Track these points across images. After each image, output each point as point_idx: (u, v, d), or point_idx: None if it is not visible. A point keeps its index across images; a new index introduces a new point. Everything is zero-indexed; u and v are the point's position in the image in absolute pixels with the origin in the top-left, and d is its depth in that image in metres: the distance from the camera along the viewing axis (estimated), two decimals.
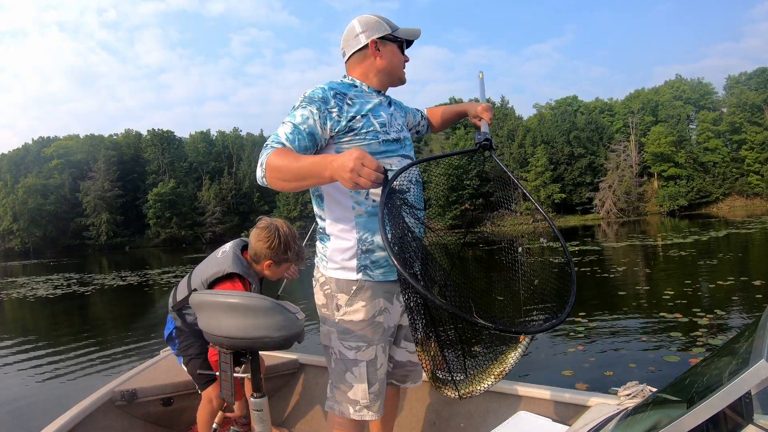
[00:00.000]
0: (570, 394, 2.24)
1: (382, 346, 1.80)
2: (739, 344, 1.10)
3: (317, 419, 2.96)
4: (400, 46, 1.84)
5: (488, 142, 1.78)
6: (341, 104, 1.67)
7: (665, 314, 6.68)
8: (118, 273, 21.86)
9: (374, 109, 1.75)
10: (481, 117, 2.00)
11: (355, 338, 1.76)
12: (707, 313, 6.53)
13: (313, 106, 1.63)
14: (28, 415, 4.65)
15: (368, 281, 1.74)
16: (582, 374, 4.62)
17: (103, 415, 2.64)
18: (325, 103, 1.64)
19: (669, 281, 9.60)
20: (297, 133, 1.58)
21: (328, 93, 1.66)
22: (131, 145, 77.53)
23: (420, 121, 2.16)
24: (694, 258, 13.18)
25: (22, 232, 69.63)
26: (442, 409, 2.61)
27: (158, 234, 69.95)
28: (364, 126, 1.69)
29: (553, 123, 62.78)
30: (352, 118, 1.68)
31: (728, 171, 58.44)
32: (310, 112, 1.62)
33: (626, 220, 50.00)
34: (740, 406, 0.94)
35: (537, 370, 4.91)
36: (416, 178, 1.77)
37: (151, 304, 12.40)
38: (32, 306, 12.83)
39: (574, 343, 5.71)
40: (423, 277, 1.55)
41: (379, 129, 1.73)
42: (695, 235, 20.51)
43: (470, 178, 37.17)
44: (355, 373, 1.77)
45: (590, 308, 7.47)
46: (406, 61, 1.88)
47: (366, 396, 1.77)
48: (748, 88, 60.82)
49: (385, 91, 1.87)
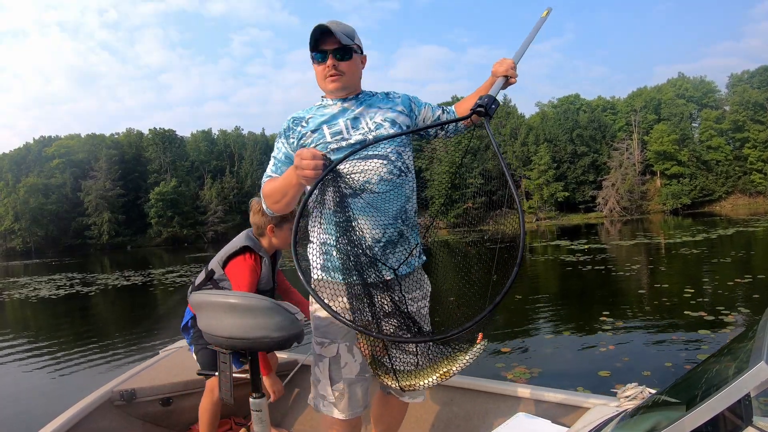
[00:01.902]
0: (569, 396, 2.23)
1: (347, 345, 1.83)
2: (738, 346, 1.09)
3: (316, 419, 2.95)
4: (315, 57, 1.81)
5: (482, 108, 1.57)
6: (296, 128, 1.84)
7: (689, 312, 6.67)
8: (122, 273, 21.83)
9: (329, 120, 1.82)
10: (497, 76, 1.79)
11: (320, 334, 1.87)
12: (731, 310, 6.53)
13: (281, 138, 1.87)
14: (28, 415, 4.66)
15: (327, 279, 1.80)
16: (618, 375, 4.50)
17: (102, 415, 2.64)
18: (287, 131, 1.85)
19: (686, 279, 9.60)
20: (277, 163, 1.86)
21: (289, 122, 1.86)
22: (133, 144, 77.55)
23: (440, 115, 2.00)
24: (707, 256, 13.18)
25: (23, 231, 69.68)
26: (441, 411, 2.60)
27: (160, 233, 69.99)
28: (314, 141, 1.80)
29: (555, 121, 62.79)
30: (302, 136, 1.82)
31: (731, 169, 58.34)
32: (282, 143, 1.86)
33: (629, 218, 49.96)
34: (739, 408, 0.93)
35: (569, 372, 4.86)
36: (381, 177, 1.75)
37: (155, 305, 12.40)
38: (34, 307, 12.78)
39: (605, 343, 5.65)
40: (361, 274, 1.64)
41: (330, 139, 1.79)
42: (703, 234, 20.46)
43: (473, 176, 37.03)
44: (320, 367, 1.87)
45: (614, 307, 7.46)
46: (329, 67, 1.79)
47: (330, 392, 1.84)
48: (751, 86, 60.66)
49: (348, 96, 1.86)
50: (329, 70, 1.79)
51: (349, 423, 1.87)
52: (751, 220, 29.11)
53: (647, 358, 5.05)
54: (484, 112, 1.57)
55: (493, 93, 1.65)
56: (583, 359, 5.25)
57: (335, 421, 1.86)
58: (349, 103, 1.85)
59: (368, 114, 1.83)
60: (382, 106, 1.87)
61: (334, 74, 1.80)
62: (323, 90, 1.87)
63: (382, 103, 1.88)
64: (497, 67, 1.80)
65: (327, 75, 1.80)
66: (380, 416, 2.13)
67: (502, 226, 1.59)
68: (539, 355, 5.47)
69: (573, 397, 2.22)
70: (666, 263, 12.96)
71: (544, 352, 5.54)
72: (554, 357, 5.38)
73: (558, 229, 37.34)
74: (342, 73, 1.80)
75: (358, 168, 1.73)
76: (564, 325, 6.78)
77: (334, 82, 1.81)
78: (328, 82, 1.81)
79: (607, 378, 4.47)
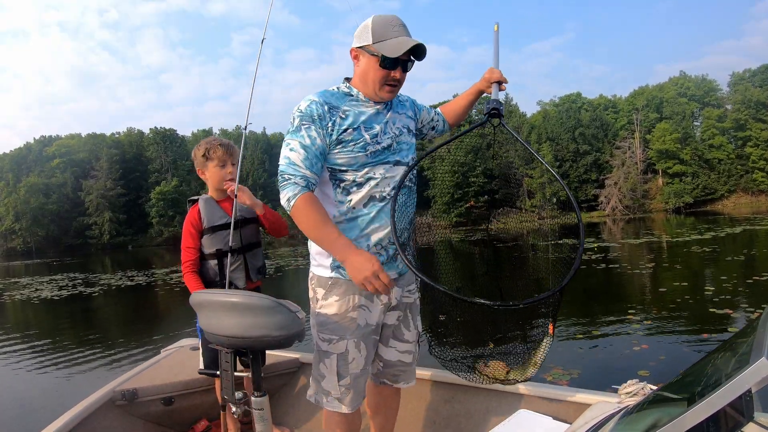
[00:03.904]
0: (570, 393, 2.23)
1: (355, 342, 1.84)
2: (739, 342, 1.09)
3: (318, 418, 2.96)
4: (382, 61, 1.71)
5: (496, 110, 1.71)
6: (334, 118, 1.74)
7: (714, 310, 6.68)
8: (124, 273, 21.81)
9: (367, 121, 1.79)
10: (491, 82, 1.93)
11: (328, 331, 1.85)
12: (755, 308, 6.55)
13: (316, 125, 1.71)
14: (30, 415, 4.66)
15: (341, 278, 1.82)
16: (657, 375, 4.40)
17: (104, 414, 2.64)
18: (322, 120, 1.72)
19: (704, 277, 9.63)
20: (311, 158, 1.70)
21: (323, 109, 1.73)
22: (133, 143, 77.53)
23: (434, 116, 2.12)
24: (720, 254, 13.19)
25: (24, 231, 69.70)
26: (442, 408, 2.60)
27: (161, 233, 69.96)
28: (353, 139, 1.75)
29: (557, 120, 62.71)
30: (343, 131, 1.74)
31: (733, 168, 58.26)
32: (317, 132, 1.71)
33: (632, 217, 49.88)
34: (741, 404, 0.93)
35: (608, 372, 4.80)
36: (404, 183, 1.81)
37: (160, 305, 12.37)
38: (36, 308, 12.72)
39: (637, 342, 5.60)
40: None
41: (369, 140, 1.77)
42: (711, 232, 20.44)
43: (476, 175, 37.03)
44: (327, 364, 1.86)
45: (639, 305, 7.45)
46: (394, 77, 1.74)
47: (337, 388, 1.85)
48: (753, 84, 60.57)
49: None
50: (393, 80, 1.75)
51: (352, 415, 1.91)
52: (755, 218, 29.00)
53: (683, 356, 5.01)
54: (497, 114, 1.73)
55: (495, 97, 1.84)
56: (618, 359, 5.17)
57: (340, 415, 1.89)
58: (381, 106, 1.84)
59: (393, 119, 1.87)
60: (400, 112, 1.92)
61: (396, 85, 1.78)
62: (369, 90, 1.78)
63: (400, 109, 1.93)
64: (489, 74, 1.95)
65: (387, 83, 1.75)
66: (376, 406, 2.16)
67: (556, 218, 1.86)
68: (571, 354, 5.39)
69: (574, 393, 2.22)
70: (681, 261, 12.90)
71: (575, 352, 5.48)
72: (587, 357, 5.32)
73: (560, 227, 37.07)
74: (400, 85, 1.80)
75: (390, 174, 1.80)
76: (591, 323, 6.73)
77: (391, 92, 1.79)
78: (386, 90, 1.77)
79: (647, 378, 4.39)
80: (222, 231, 2.56)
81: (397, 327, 1.98)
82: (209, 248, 2.55)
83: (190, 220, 2.57)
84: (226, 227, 2.55)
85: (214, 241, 2.55)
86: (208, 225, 2.56)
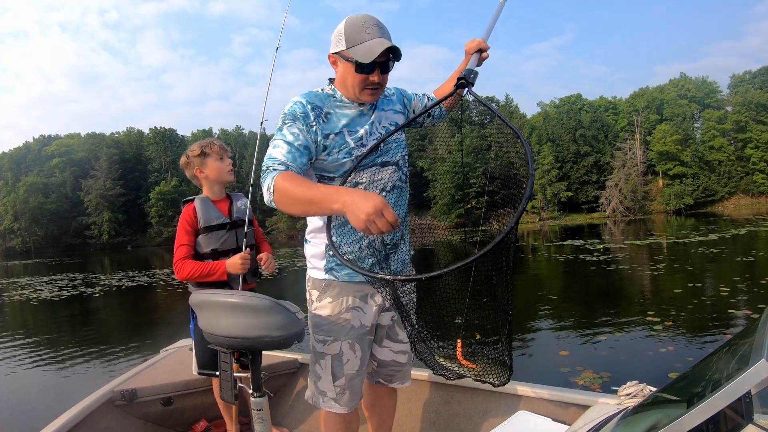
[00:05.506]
0: (570, 394, 2.23)
1: (349, 343, 1.85)
2: (739, 344, 1.09)
3: (317, 419, 2.95)
4: (358, 66, 1.64)
5: (464, 79, 1.63)
6: (318, 120, 1.71)
7: (733, 311, 6.68)
8: (124, 273, 21.75)
9: (351, 124, 1.75)
10: (471, 54, 1.82)
11: (322, 332, 1.86)
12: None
13: (298, 123, 1.67)
14: (29, 415, 4.66)
15: (334, 280, 1.84)
16: None
17: (103, 415, 2.64)
18: (306, 118, 1.68)
19: (717, 278, 9.60)
20: (294, 151, 1.62)
21: (307, 108, 1.69)
22: (133, 143, 77.51)
23: (426, 103, 2.04)
24: (729, 255, 13.17)
25: (23, 231, 69.69)
26: (441, 409, 2.60)
27: (160, 232, 69.87)
28: (336, 145, 1.72)
29: (558, 121, 62.74)
30: (326, 136, 1.71)
31: (733, 170, 58.26)
32: (299, 129, 1.66)
33: (632, 218, 49.84)
34: (740, 405, 0.93)
35: (639, 375, 4.63)
36: (393, 184, 1.81)
37: (161, 306, 12.33)
38: (36, 308, 12.65)
39: (663, 344, 5.54)
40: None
41: (353, 145, 1.74)
42: (715, 233, 20.41)
43: (476, 176, 37.00)
44: (322, 365, 1.87)
45: (657, 307, 7.41)
46: (373, 81, 1.68)
47: (332, 389, 1.86)
48: (753, 86, 60.64)
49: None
50: (373, 84, 1.69)
51: (348, 415, 1.92)
52: (756, 220, 28.99)
53: None
54: (466, 83, 1.64)
55: (470, 66, 1.73)
56: (645, 361, 5.10)
57: (337, 415, 1.90)
58: (365, 107, 1.80)
59: (379, 118, 1.84)
60: (386, 109, 1.88)
61: (377, 88, 1.72)
62: (350, 94, 1.74)
63: (386, 105, 1.89)
64: (469, 45, 1.84)
65: (367, 86, 1.70)
66: (372, 405, 2.16)
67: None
68: (598, 357, 5.31)
69: (574, 395, 2.22)
70: (690, 262, 12.84)
71: (601, 354, 5.41)
72: (615, 359, 5.25)
73: (562, 229, 37.21)
74: (382, 87, 1.74)
75: (377, 177, 1.77)
76: (612, 324, 6.66)
77: (373, 95, 1.73)
78: (367, 93, 1.71)
79: None
80: (218, 231, 2.58)
81: (390, 327, 1.99)
82: (205, 248, 2.57)
83: (185, 218, 2.58)
84: (222, 227, 2.58)
85: (210, 240, 2.57)
86: (205, 224, 2.57)
